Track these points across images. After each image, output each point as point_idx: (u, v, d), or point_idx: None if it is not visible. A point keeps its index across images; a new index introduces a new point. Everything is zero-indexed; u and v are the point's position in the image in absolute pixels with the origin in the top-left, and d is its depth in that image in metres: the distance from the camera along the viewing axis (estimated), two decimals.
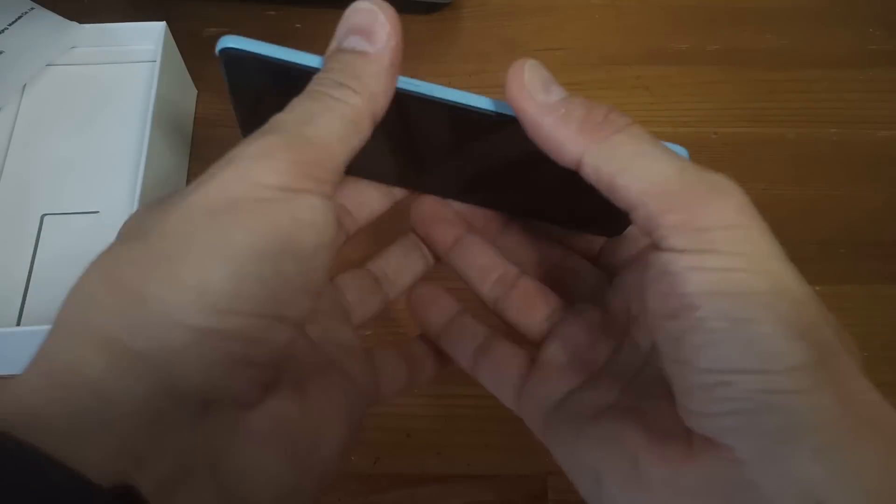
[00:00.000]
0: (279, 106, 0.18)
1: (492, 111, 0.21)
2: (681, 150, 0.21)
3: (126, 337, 0.15)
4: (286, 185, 0.17)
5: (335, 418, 0.21)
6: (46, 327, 0.15)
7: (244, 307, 0.16)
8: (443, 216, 0.27)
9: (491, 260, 0.26)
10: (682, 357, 0.17)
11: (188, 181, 0.42)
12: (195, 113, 0.44)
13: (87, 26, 0.40)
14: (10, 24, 0.39)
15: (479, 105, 0.21)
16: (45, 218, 0.36)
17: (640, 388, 0.21)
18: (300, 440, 0.19)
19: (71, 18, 0.40)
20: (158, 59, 0.38)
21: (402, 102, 0.20)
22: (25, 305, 0.34)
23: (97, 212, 0.37)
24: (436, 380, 0.28)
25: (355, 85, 0.18)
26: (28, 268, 0.35)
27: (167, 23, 0.39)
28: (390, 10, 0.19)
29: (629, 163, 0.18)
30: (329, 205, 0.18)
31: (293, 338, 0.18)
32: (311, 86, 0.19)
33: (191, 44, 0.44)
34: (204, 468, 0.16)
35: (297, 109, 0.18)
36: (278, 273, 0.16)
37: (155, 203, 0.17)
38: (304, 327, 0.21)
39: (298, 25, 0.47)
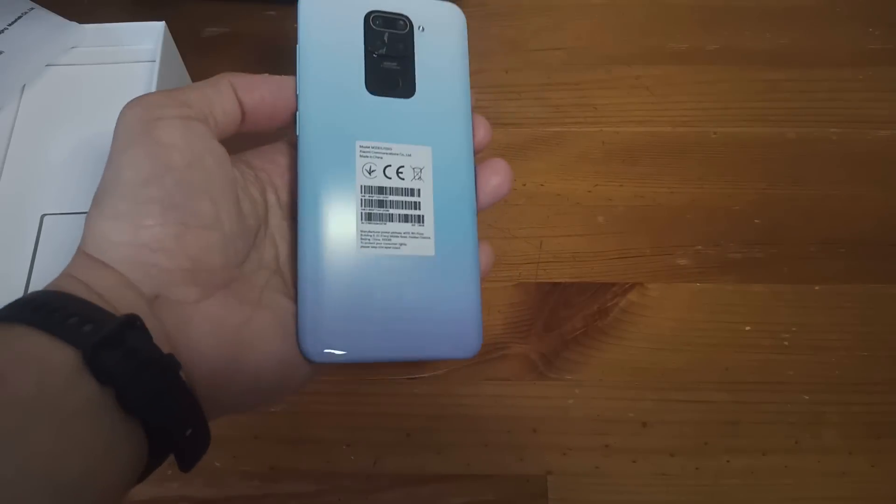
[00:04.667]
0: None
1: None
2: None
3: (102, 258, 0.23)
4: (147, 116, 0.24)
5: (271, 331, 0.24)
6: None
7: (146, 221, 0.22)
8: None
9: None
10: None
11: None
12: None
13: (87, 26, 0.40)
14: (10, 25, 0.39)
15: None
16: (45, 218, 0.36)
17: None
18: (234, 339, 0.23)
19: (71, 18, 0.40)
20: (158, 58, 0.38)
21: None
22: None
23: None
24: (436, 380, 0.28)
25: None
26: (28, 268, 0.35)
27: (167, 23, 0.39)
28: None
29: None
30: (190, 125, 0.24)
31: (211, 248, 0.23)
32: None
33: (191, 44, 0.44)
34: (162, 342, 0.21)
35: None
36: (162, 189, 0.22)
37: None
38: (228, 243, 0.24)
39: None
